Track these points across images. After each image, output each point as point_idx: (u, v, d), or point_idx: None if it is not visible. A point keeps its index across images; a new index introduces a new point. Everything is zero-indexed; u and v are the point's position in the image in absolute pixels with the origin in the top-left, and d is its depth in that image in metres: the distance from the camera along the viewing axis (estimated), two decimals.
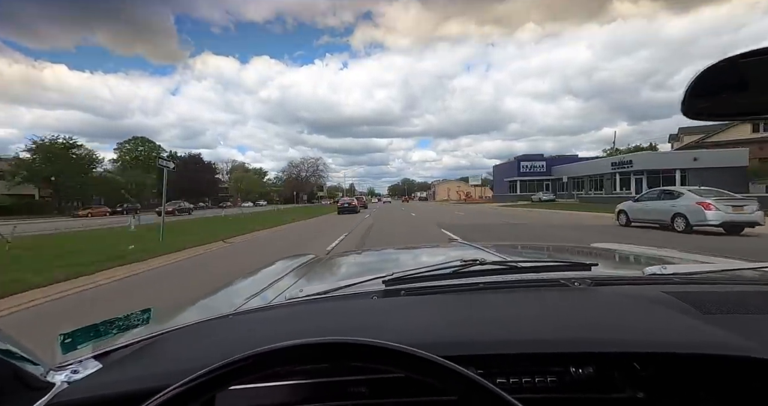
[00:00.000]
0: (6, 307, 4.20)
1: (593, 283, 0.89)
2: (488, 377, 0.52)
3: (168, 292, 4.81)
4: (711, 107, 0.62)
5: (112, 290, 5.06)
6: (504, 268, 0.99)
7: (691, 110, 0.62)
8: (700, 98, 0.60)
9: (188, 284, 5.26)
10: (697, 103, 0.61)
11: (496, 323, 0.68)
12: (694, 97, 0.59)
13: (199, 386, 0.38)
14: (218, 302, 1.25)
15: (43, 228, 16.12)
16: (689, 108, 0.61)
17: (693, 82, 0.58)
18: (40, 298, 4.57)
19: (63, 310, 4.13)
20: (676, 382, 0.58)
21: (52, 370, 0.61)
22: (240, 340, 0.67)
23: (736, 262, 1.18)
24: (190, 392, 0.38)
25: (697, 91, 0.59)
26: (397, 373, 0.40)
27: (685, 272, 0.98)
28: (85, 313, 4.00)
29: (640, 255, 1.62)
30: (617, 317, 0.69)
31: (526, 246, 2.75)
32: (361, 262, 1.86)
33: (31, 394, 0.54)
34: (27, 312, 4.07)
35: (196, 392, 0.38)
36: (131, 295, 4.78)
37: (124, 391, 0.53)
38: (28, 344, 0.58)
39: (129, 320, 0.92)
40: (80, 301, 4.51)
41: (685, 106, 0.61)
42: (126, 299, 4.57)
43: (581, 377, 0.59)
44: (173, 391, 0.38)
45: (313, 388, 0.60)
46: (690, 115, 0.62)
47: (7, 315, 3.96)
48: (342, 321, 0.73)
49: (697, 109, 0.62)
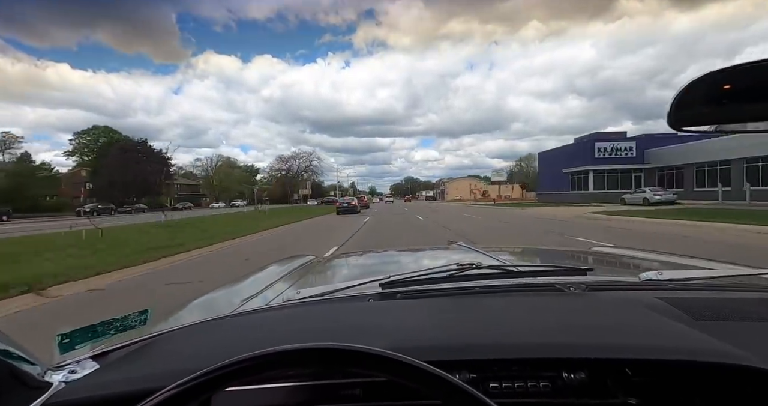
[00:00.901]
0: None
1: (588, 288, 0.89)
2: (481, 382, 0.57)
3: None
4: (696, 119, 0.64)
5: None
6: (500, 272, 1.02)
7: (678, 122, 0.64)
8: (685, 111, 0.62)
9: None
10: (682, 116, 0.63)
11: (490, 327, 0.69)
12: (680, 110, 0.62)
13: (195, 388, 0.39)
14: (216, 303, 1.31)
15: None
16: (675, 120, 0.63)
17: (678, 95, 0.60)
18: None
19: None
20: (668, 388, 0.57)
21: (50, 370, 0.62)
22: (237, 341, 0.68)
23: (735, 268, 1.17)
24: (186, 393, 0.38)
25: (683, 103, 0.61)
26: (383, 377, 0.42)
27: (681, 278, 0.98)
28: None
29: (638, 260, 1.64)
30: (610, 322, 0.69)
31: (526, 250, 2.81)
32: (359, 264, 1.88)
33: (29, 393, 0.54)
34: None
35: (191, 394, 0.39)
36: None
37: (121, 391, 0.54)
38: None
39: (127, 321, 0.91)
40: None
41: (671, 119, 0.63)
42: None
43: (574, 382, 0.58)
44: (169, 392, 0.38)
45: (306, 390, 0.60)
46: (676, 127, 0.64)
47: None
48: (337, 324, 0.74)
49: (683, 121, 0.64)
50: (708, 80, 0.58)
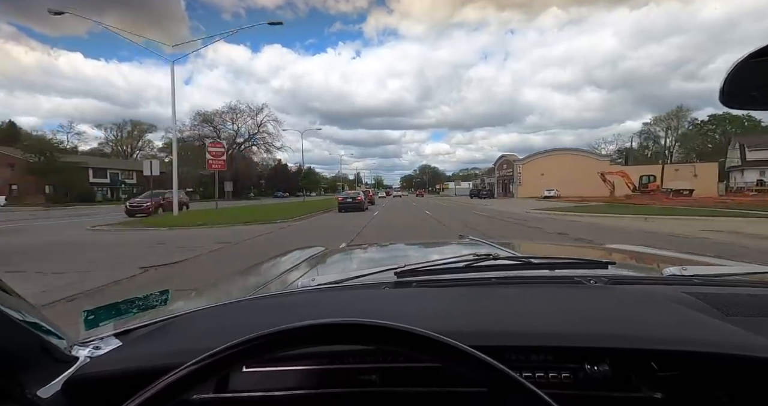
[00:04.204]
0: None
1: (610, 281, 0.86)
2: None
3: None
4: (749, 97, 0.58)
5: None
6: (518, 263, 0.99)
7: (731, 99, 0.58)
8: (738, 87, 0.57)
9: None
10: (737, 91, 0.57)
11: (510, 315, 0.68)
12: (735, 84, 0.56)
13: (217, 363, 0.39)
14: (233, 288, 1.34)
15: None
16: (728, 97, 0.58)
17: (733, 70, 0.55)
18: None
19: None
20: (695, 383, 0.55)
21: (76, 345, 0.65)
22: (256, 323, 0.67)
23: (760, 266, 1.12)
24: (208, 367, 0.39)
25: (738, 78, 0.55)
26: (426, 362, 0.41)
27: (706, 273, 0.95)
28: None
29: (658, 256, 1.57)
30: (635, 314, 0.67)
31: (543, 245, 2.80)
32: (372, 255, 1.89)
33: (57, 366, 0.57)
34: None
35: (213, 368, 0.39)
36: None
37: (143, 367, 0.55)
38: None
39: (148, 300, 0.91)
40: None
41: (724, 95, 0.57)
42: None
43: (596, 374, 0.56)
44: (192, 366, 0.38)
45: (323, 373, 0.60)
46: (729, 104, 0.59)
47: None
48: (353, 309, 0.73)
49: (738, 97, 0.58)
50: (765, 54, 0.52)
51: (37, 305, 0.64)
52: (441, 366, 0.41)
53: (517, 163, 50.17)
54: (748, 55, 0.53)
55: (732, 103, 0.60)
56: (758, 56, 0.52)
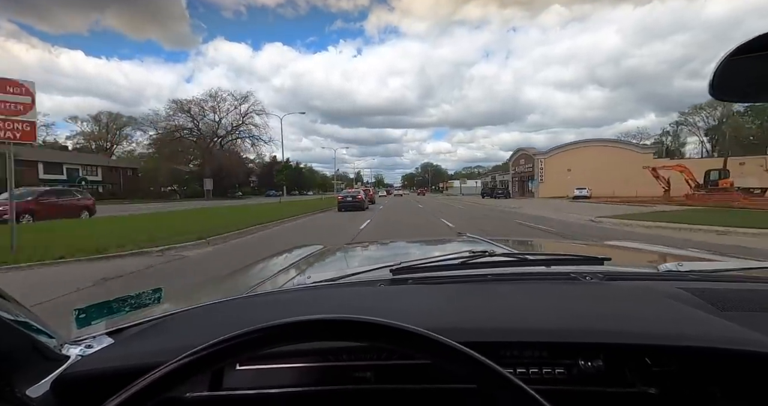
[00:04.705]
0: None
1: (605, 277, 0.87)
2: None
3: None
4: (739, 90, 0.59)
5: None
6: (514, 260, 0.99)
7: (721, 92, 0.59)
8: (730, 78, 0.57)
9: None
10: (726, 84, 0.58)
11: (505, 311, 0.68)
12: (725, 78, 0.56)
13: (210, 356, 0.38)
14: (228, 286, 1.32)
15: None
16: (719, 89, 0.58)
17: (722, 63, 0.55)
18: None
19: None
20: (689, 378, 0.56)
21: (67, 343, 0.64)
22: (251, 320, 0.69)
23: (759, 261, 1.13)
24: (201, 360, 0.38)
25: (728, 71, 0.55)
26: (418, 359, 0.40)
27: (702, 269, 0.95)
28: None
29: (655, 253, 1.60)
30: (630, 309, 0.67)
31: (540, 242, 2.75)
32: (370, 252, 1.88)
33: (47, 365, 0.57)
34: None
35: (205, 363, 0.38)
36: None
37: (134, 364, 0.55)
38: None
39: (141, 299, 0.93)
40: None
41: (714, 88, 0.58)
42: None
43: (590, 370, 0.57)
44: (185, 359, 0.38)
45: (318, 371, 0.60)
46: (719, 96, 0.59)
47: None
48: (348, 306, 0.73)
49: (727, 90, 0.59)
50: (754, 46, 0.51)
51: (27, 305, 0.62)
52: (433, 364, 0.41)
53: (539, 158, 43.12)
54: (734, 50, 0.52)
55: (722, 96, 0.60)
56: (745, 52, 0.52)
